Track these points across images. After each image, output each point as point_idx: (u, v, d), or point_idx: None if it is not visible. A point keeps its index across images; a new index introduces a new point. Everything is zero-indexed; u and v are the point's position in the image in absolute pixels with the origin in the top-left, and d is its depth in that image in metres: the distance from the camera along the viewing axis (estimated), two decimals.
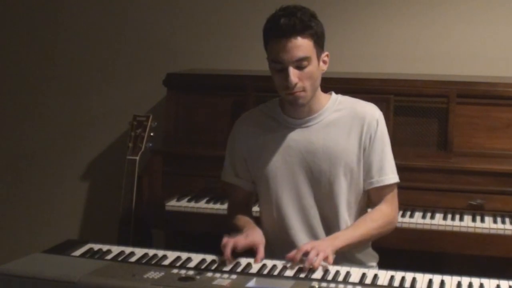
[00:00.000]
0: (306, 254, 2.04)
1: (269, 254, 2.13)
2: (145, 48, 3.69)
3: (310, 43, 2.14)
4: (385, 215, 2.26)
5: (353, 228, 2.21)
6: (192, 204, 2.96)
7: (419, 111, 2.93)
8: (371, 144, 2.25)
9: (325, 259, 2.04)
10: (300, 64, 2.14)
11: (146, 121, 3.15)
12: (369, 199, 2.33)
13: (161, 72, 3.29)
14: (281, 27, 2.12)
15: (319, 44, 2.18)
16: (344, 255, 2.23)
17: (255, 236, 2.17)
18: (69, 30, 3.81)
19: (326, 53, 2.23)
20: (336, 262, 2.10)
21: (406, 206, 2.83)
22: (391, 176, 2.27)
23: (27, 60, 3.89)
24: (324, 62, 2.23)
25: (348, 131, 2.25)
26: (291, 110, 2.27)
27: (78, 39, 3.78)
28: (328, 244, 2.09)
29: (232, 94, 3.13)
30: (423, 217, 2.76)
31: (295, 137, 2.26)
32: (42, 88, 3.88)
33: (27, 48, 3.88)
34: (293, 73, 2.13)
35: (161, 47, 3.66)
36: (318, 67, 2.19)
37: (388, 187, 2.28)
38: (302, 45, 2.12)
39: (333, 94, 2.32)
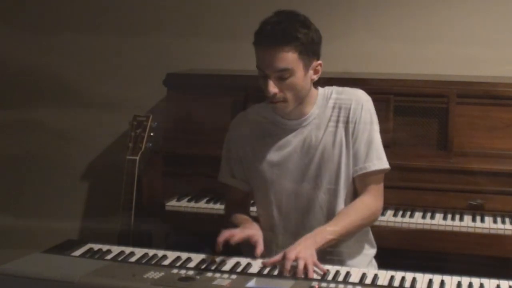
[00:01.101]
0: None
1: (268, 255, 2.13)
2: (145, 48, 3.69)
3: (293, 55, 2.09)
4: (368, 205, 2.21)
5: (335, 222, 2.16)
6: (192, 204, 2.97)
7: (419, 111, 2.93)
8: (356, 130, 2.21)
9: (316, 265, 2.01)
10: (281, 75, 2.11)
11: (146, 121, 3.15)
12: (354, 187, 2.27)
13: (161, 72, 3.29)
14: (264, 37, 2.09)
15: (308, 54, 2.13)
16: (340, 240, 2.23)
17: (252, 229, 2.17)
18: (69, 29, 3.81)
19: (318, 62, 2.19)
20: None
21: (406, 206, 2.83)
22: (375, 162, 2.21)
23: (27, 59, 3.88)
24: (316, 71, 2.19)
25: (336, 122, 2.23)
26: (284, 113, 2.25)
27: (78, 38, 3.78)
28: (310, 245, 2.05)
29: (232, 94, 3.13)
30: (423, 217, 2.76)
31: (290, 138, 2.26)
32: (42, 87, 3.88)
33: (27, 48, 3.87)
34: (271, 84, 2.11)
35: (161, 47, 3.66)
36: (304, 78, 2.15)
37: (372, 174, 2.22)
38: (283, 57, 2.08)
39: (320, 88, 2.29)
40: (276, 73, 2.11)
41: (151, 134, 3.15)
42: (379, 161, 2.22)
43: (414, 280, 1.95)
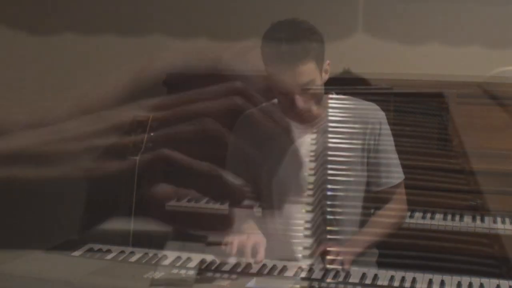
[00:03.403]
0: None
1: (270, 256, 2.13)
2: (145, 48, 3.68)
3: (312, 65, 2.09)
4: (395, 214, 2.28)
5: (362, 235, 2.21)
6: (192, 204, 2.96)
7: (419, 111, 2.92)
8: (376, 146, 2.23)
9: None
10: (305, 87, 2.11)
11: (146, 121, 3.14)
12: (378, 198, 2.31)
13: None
14: (282, 55, 2.06)
15: (321, 59, 2.14)
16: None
17: (256, 237, 2.17)
18: (68, 29, 3.80)
19: (327, 62, 2.19)
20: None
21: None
22: (399, 175, 2.27)
23: (27, 58, 3.88)
24: (326, 71, 2.20)
25: (351, 133, 2.24)
26: (293, 116, 2.24)
27: (77, 38, 3.78)
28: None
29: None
30: (423, 217, 2.76)
31: (299, 142, 2.25)
32: (41, 87, 3.88)
33: (27, 47, 3.87)
34: (301, 100, 2.10)
35: (161, 47, 3.65)
36: (320, 81, 2.16)
37: (396, 185, 2.27)
38: (305, 71, 2.08)
39: (334, 95, 2.30)
40: (301, 87, 2.10)
41: (151, 134, 3.14)
42: (400, 173, 2.27)
43: (414, 280, 1.95)
